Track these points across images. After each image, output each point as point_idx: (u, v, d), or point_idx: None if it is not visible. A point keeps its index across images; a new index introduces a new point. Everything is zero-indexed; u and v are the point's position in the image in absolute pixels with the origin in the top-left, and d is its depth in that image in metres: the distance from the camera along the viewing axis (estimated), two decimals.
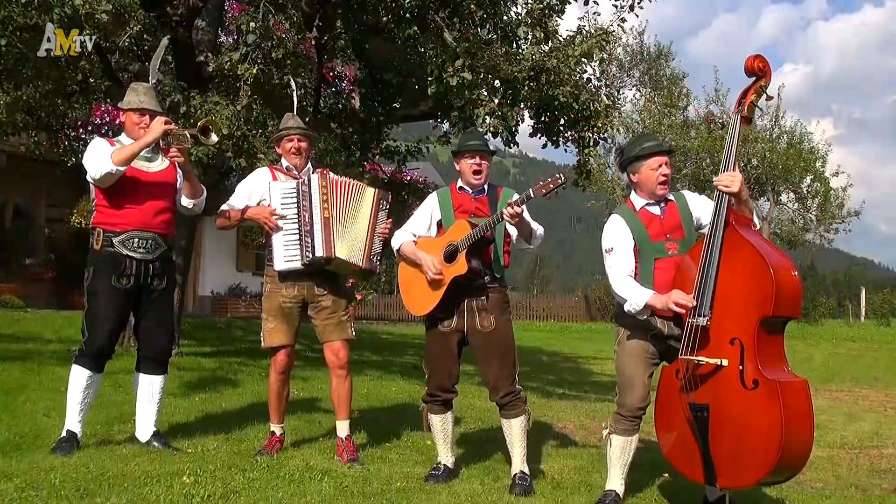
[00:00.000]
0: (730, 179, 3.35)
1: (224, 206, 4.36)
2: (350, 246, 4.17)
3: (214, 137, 4.26)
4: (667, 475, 4.30)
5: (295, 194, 4.19)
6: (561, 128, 8.54)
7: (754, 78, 3.46)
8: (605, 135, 8.63)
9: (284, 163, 4.40)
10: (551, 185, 3.69)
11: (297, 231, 4.16)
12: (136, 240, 4.06)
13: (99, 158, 3.96)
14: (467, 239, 3.84)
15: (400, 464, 4.30)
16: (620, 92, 25.97)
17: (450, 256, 3.90)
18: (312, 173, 4.29)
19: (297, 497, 3.44)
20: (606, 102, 8.53)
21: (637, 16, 8.59)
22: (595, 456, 4.83)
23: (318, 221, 4.13)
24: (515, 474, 3.92)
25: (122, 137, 4.20)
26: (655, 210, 3.68)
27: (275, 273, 4.21)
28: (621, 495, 3.65)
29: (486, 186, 4.09)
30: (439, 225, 4.11)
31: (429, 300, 3.98)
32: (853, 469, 4.95)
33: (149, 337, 4.22)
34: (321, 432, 4.91)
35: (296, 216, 4.17)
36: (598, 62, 8.43)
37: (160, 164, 4.21)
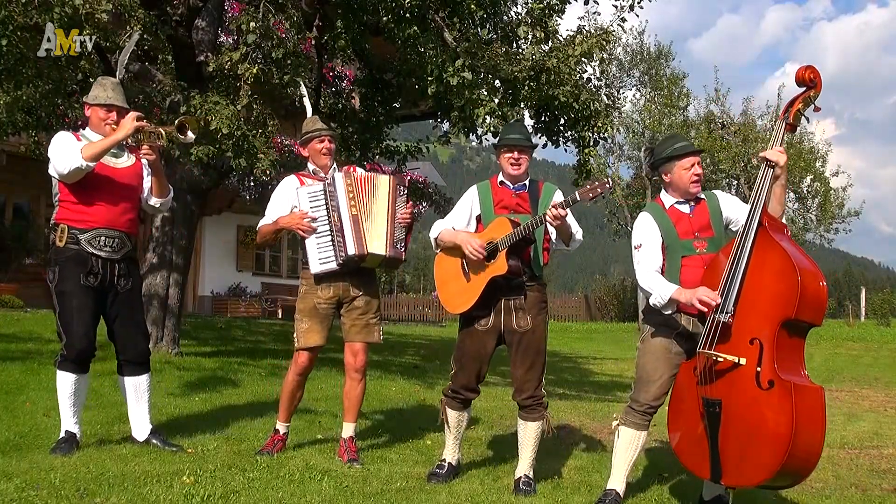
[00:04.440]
0: (778, 153, 3.40)
1: (260, 223, 4.34)
2: (377, 238, 4.13)
3: (191, 135, 4.17)
4: (666, 475, 4.31)
5: (322, 195, 4.17)
6: (561, 128, 8.54)
7: (804, 88, 3.50)
8: (605, 135, 8.63)
9: (311, 166, 4.37)
10: (598, 190, 3.65)
11: (329, 232, 4.13)
12: (103, 238, 3.97)
13: (67, 153, 3.85)
14: (508, 239, 3.78)
15: (400, 464, 4.30)
16: (620, 92, 26.08)
17: (489, 255, 3.84)
18: (337, 172, 4.28)
19: (297, 497, 3.44)
20: (606, 102, 8.53)
21: (637, 16, 8.61)
22: (595, 456, 4.83)
23: (348, 220, 4.11)
24: (520, 478, 3.90)
25: (87, 132, 4.09)
26: (685, 208, 3.70)
27: (310, 275, 4.18)
28: (622, 494, 3.65)
29: (527, 182, 4.03)
30: (478, 220, 4.05)
31: (466, 298, 3.92)
32: (853, 469, 4.96)
33: (125, 341, 4.13)
34: (321, 432, 4.91)
35: (326, 217, 4.15)
36: (598, 62, 8.43)
37: (126, 161, 4.13)
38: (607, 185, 3.67)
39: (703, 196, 3.75)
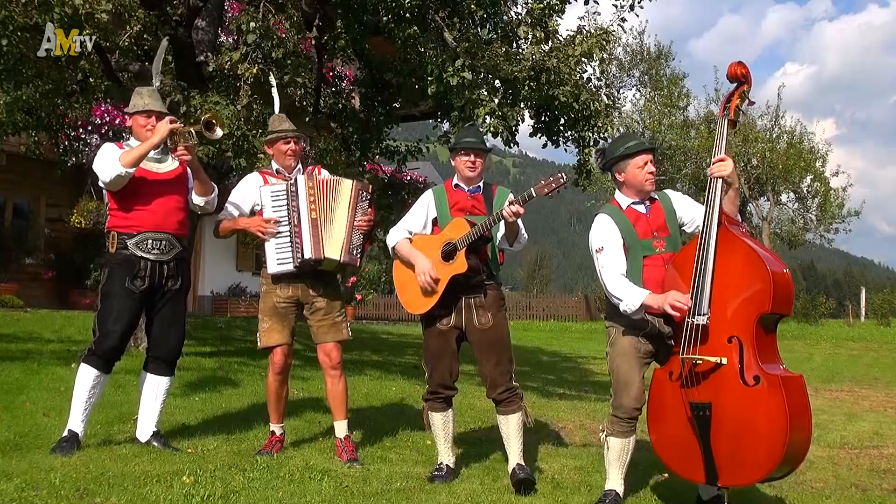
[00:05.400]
0: (721, 164, 3.40)
1: (220, 216, 4.38)
2: (334, 243, 4.16)
3: (219, 132, 4.25)
4: (665, 475, 4.31)
5: (284, 196, 4.19)
6: (561, 128, 8.54)
7: (737, 84, 3.53)
8: (605, 135, 8.63)
9: (275, 165, 4.39)
10: (553, 185, 3.72)
11: (288, 233, 4.16)
12: (151, 241, 4.08)
13: (108, 162, 4.01)
14: (466, 238, 3.85)
15: (400, 464, 4.30)
16: (620, 92, 26.08)
17: (448, 254, 3.91)
18: (300, 173, 4.29)
19: (297, 497, 3.45)
20: (606, 102, 8.53)
21: (637, 16, 8.63)
22: (595, 456, 4.83)
23: (307, 222, 4.13)
24: (514, 467, 3.92)
25: (132, 141, 4.23)
26: (641, 208, 3.71)
27: (269, 274, 4.22)
28: (621, 495, 3.66)
29: (481, 184, 4.10)
30: (434, 223, 4.11)
31: (427, 299, 3.98)
32: (853, 469, 4.95)
33: (160, 337, 4.23)
34: (321, 432, 4.92)
35: (286, 218, 4.17)
36: (598, 62, 8.43)
37: (170, 165, 4.24)
38: (562, 180, 3.71)
39: (655, 196, 3.75)
